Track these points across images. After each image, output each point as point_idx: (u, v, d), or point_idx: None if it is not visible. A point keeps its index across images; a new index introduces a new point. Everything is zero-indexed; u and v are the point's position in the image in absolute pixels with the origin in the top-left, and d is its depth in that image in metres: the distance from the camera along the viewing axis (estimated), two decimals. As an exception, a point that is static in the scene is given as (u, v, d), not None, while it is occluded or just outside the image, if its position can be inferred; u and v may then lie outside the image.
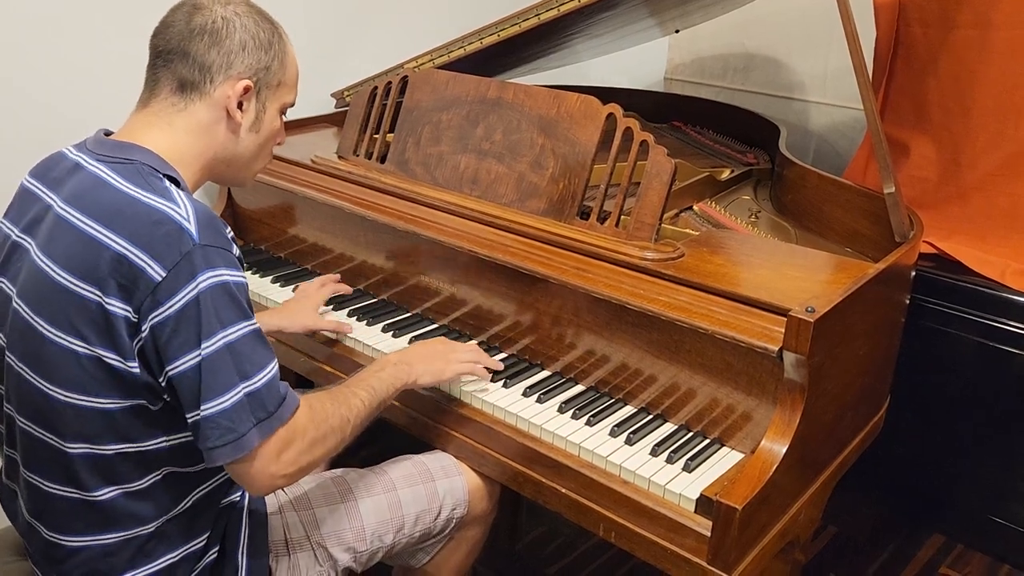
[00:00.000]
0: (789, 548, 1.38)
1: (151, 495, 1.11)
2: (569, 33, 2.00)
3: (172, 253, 1.01)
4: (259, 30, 1.16)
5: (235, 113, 1.16)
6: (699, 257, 1.40)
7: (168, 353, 1.02)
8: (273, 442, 1.06)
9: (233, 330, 1.03)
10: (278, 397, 1.07)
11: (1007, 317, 1.92)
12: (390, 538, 1.34)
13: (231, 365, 1.02)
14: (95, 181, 1.08)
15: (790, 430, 1.19)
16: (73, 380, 1.05)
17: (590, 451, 1.28)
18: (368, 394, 1.24)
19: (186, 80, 1.14)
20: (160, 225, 1.02)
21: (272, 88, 1.19)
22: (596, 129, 1.49)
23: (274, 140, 1.25)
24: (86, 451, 1.08)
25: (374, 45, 2.41)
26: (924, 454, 2.14)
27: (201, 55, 1.13)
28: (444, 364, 1.39)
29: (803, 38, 2.76)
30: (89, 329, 1.03)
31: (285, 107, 1.24)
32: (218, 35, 1.13)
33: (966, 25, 2.09)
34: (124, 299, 1.01)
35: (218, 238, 1.05)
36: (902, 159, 2.24)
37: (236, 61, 1.14)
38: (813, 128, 2.80)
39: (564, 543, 2.12)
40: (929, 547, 2.19)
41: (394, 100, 1.80)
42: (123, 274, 1.01)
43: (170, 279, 1.00)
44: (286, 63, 1.20)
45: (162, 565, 1.14)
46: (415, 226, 1.60)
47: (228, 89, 1.14)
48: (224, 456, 1.03)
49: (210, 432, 1.02)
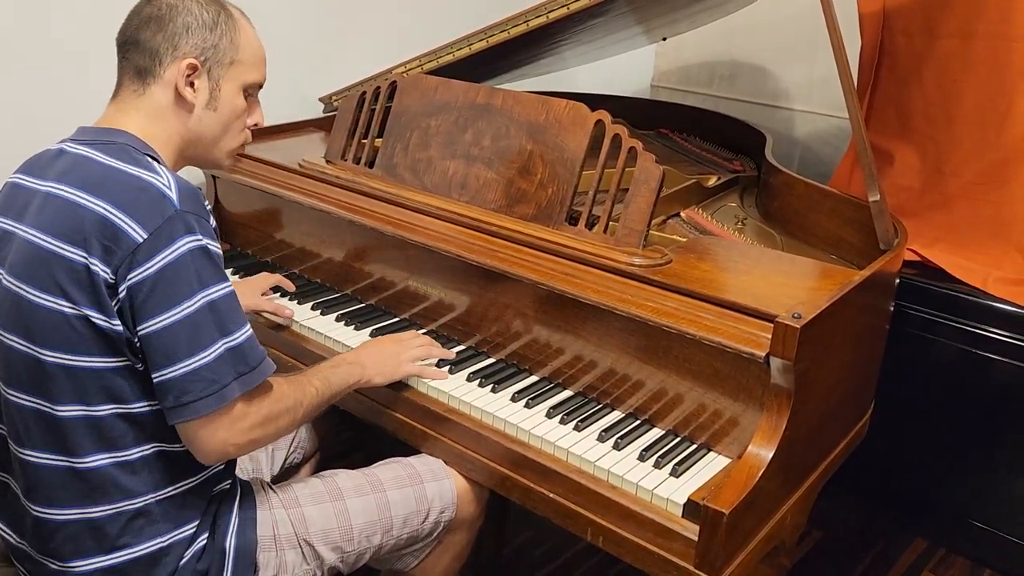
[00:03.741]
0: (775, 552, 1.38)
1: (141, 470, 1.14)
2: (557, 40, 2.01)
3: (154, 217, 1.07)
4: (202, 11, 1.20)
5: (184, 91, 1.20)
6: (686, 263, 1.41)
7: (143, 312, 1.06)
8: (246, 400, 1.12)
9: (213, 290, 1.10)
10: (259, 354, 1.14)
11: (989, 324, 1.94)
12: (378, 539, 1.34)
13: (212, 322, 1.09)
14: (81, 159, 1.15)
15: (776, 435, 1.20)
16: (64, 341, 1.09)
17: (578, 456, 1.29)
18: (323, 384, 1.29)
19: (140, 67, 1.20)
20: (143, 192, 1.08)
21: (224, 66, 1.22)
22: (585, 135, 1.50)
23: (240, 119, 1.28)
24: (80, 413, 1.11)
25: (362, 50, 2.41)
26: (907, 459, 2.16)
27: (149, 41, 1.19)
28: (395, 366, 1.44)
29: (788, 47, 2.79)
30: (75, 289, 1.07)
31: (248, 86, 1.27)
32: (162, 21, 1.19)
33: (949, 35, 2.12)
34: (104, 260, 1.06)
35: (198, 207, 1.12)
36: (886, 167, 2.26)
37: (181, 43, 1.19)
38: (798, 136, 2.82)
39: (550, 548, 2.12)
40: (912, 551, 2.20)
41: (383, 105, 1.80)
42: (106, 235, 1.06)
43: (150, 241, 1.06)
44: (238, 41, 1.23)
45: (151, 548, 1.16)
46: (403, 231, 1.60)
47: (175, 70, 1.19)
48: (206, 407, 1.08)
49: (192, 386, 1.07)
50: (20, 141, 1.37)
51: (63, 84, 1.88)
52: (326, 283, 1.81)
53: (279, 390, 1.20)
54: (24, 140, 1.36)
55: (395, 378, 1.44)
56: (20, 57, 1.82)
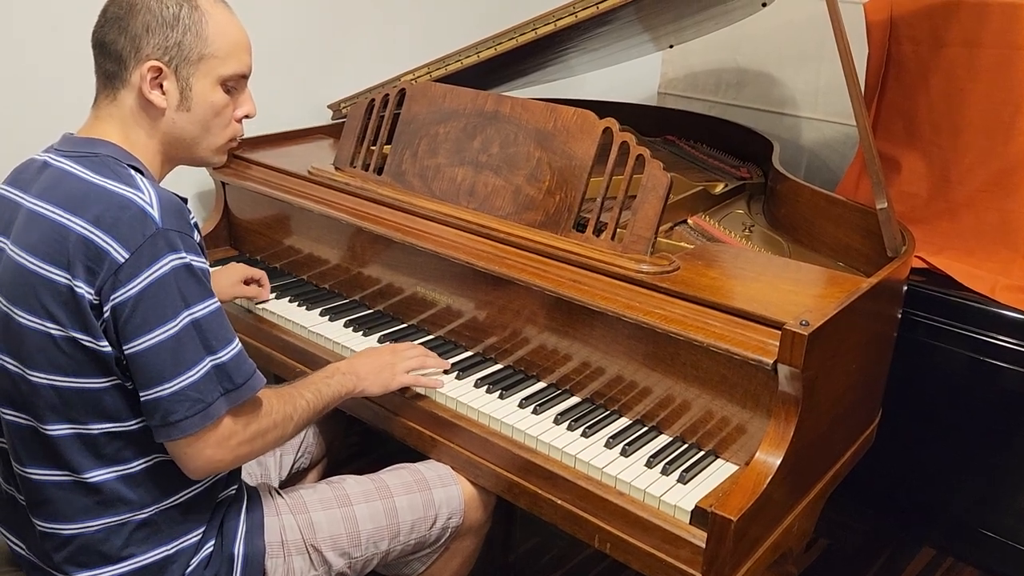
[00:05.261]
0: (782, 560, 1.38)
1: (144, 481, 1.14)
2: (565, 48, 2.02)
3: (135, 236, 1.05)
4: (162, 8, 1.14)
5: (151, 95, 1.15)
6: (694, 270, 1.42)
7: (127, 332, 1.05)
8: (233, 416, 1.11)
9: (197, 308, 1.08)
10: (246, 372, 1.12)
11: (997, 332, 1.94)
12: (385, 544, 1.34)
13: (197, 341, 1.07)
14: (62, 174, 1.12)
15: (784, 442, 1.20)
16: (53, 363, 1.08)
17: (586, 463, 1.29)
18: (314, 396, 1.28)
19: (108, 71, 1.16)
20: (124, 209, 1.06)
21: (192, 63, 1.16)
22: (592, 143, 1.51)
23: (221, 115, 1.21)
24: (70, 431, 1.10)
25: (371, 57, 2.42)
26: (915, 467, 2.15)
27: (112, 44, 1.14)
28: (390, 376, 1.43)
29: (795, 54, 2.79)
30: (61, 312, 1.07)
31: (227, 79, 1.19)
32: (122, 21, 1.14)
33: (955, 43, 2.12)
34: (88, 281, 1.05)
35: (181, 223, 1.09)
36: (893, 175, 2.26)
37: (143, 44, 1.13)
38: (805, 143, 2.82)
39: (558, 555, 2.12)
40: (920, 560, 2.19)
41: (391, 112, 1.81)
42: (89, 256, 1.05)
43: (132, 261, 1.04)
44: (205, 34, 1.15)
45: (156, 557, 1.16)
46: (412, 238, 1.61)
47: (139, 73, 1.14)
48: (192, 426, 1.07)
49: (177, 406, 1.06)
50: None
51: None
52: (334, 289, 1.82)
53: (268, 404, 1.18)
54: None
55: (390, 388, 1.43)
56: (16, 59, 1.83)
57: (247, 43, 1.22)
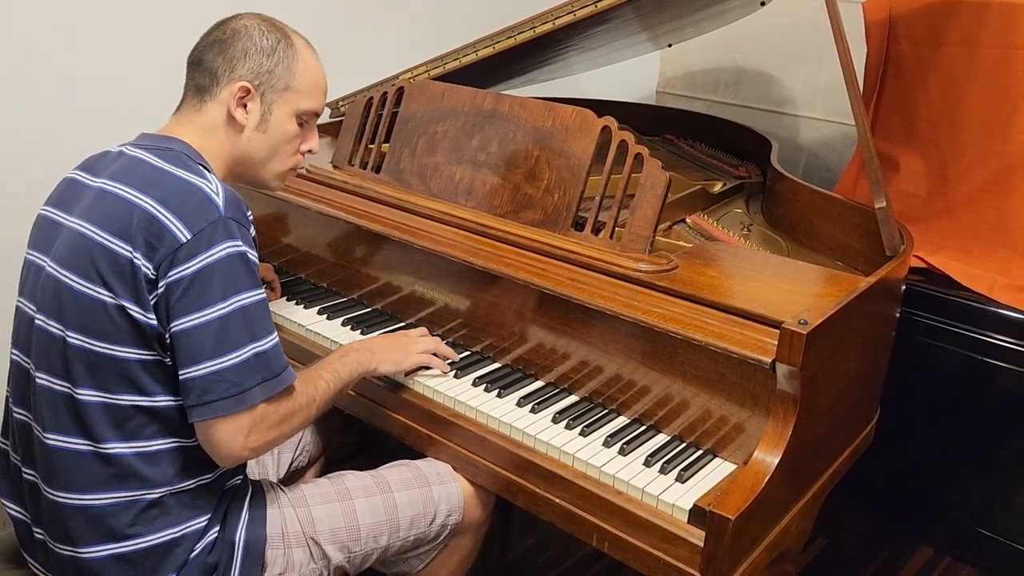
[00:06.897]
0: (780, 559, 1.38)
1: (160, 461, 1.18)
2: (563, 46, 2.02)
3: (199, 219, 1.12)
4: (263, 38, 1.28)
5: (235, 112, 1.27)
6: (692, 269, 1.41)
7: (177, 309, 1.11)
8: (265, 405, 1.15)
9: (247, 295, 1.14)
10: (283, 362, 1.18)
11: (995, 331, 1.94)
12: (384, 539, 1.35)
13: (242, 326, 1.13)
14: (136, 161, 1.21)
15: (782, 441, 1.20)
16: (99, 329, 1.13)
17: (584, 461, 1.29)
18: (333, 376, 1.32)
19: (200, 85, 1.28)
20: (191, 195, 1.15)
21: (278, 91, 1.29)
22: (591, 141, 1.51)
23: (290, 143, 1.33)
24: (99, 399, 1.14)
25: (369, 56, 2.41)
26: (913, 466, 2.15)
27: (210, 62, 1.28)
28: (403, 354, 1.46)
29: (794, 53, 2.79)
30: (116, 280, 1.12)
31: (302, 113, 1.32)
32: (225, 44, 1.28)
33: (954, 43, 2.12)
34: (148, 256, 1.11)
35: (241, 216, 1.17)
36: (891, 174, 2.26)
37: (238, 66, 1.27)
38: (803, 142, 2.82)
39: (556, 553, 2.12)
40: (918, 559, 2.20)
41: (389, 111, 1.81)
42: (152, 232, 1.11)
43: (193, 242, 1.11)
44: (294, 69, 1.30)
45: (163, 538, 1.18)
46: (409, 235, 1.60)
47: (230, 90, 1.26)
48: (226, 408, 1.11)
49: (215, 386, 1.11)
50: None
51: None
52: (332, 287, 1.81)
53: (295, 389, 1.22)
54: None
55: (403, 367, 1.46)
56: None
57: (326, 87, 1.36)
